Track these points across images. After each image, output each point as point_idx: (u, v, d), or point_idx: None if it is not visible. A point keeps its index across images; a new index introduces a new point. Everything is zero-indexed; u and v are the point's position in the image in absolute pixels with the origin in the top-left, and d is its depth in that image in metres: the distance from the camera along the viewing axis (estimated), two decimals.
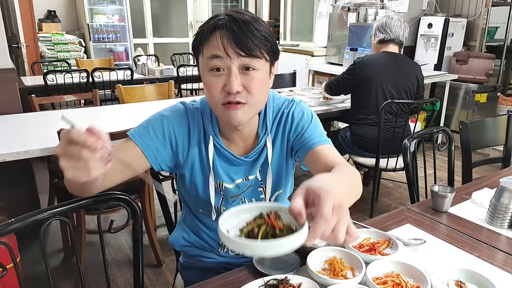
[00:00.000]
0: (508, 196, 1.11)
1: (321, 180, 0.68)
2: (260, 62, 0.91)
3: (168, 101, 2.95)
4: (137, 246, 1.09)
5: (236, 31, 0.87)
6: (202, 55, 0.93)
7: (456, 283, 0.86)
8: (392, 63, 2.55)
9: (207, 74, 0.92)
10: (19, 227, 0.90)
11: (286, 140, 1.08)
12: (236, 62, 0.89)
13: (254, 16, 0.93)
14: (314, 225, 0.60)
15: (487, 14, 4.44)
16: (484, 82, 4.32)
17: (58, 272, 2.19)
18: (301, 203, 0.64)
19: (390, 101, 2.38)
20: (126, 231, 2.59)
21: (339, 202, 0.62)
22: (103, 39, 6.24)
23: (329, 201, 0.60)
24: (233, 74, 0.89)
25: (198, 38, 0.94)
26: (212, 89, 0.92)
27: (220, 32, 0.88)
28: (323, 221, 0.59)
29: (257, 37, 0.89)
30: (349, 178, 0.86)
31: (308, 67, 4.85)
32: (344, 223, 0.63)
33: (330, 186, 0.63)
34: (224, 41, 0.87)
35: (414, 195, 1.54)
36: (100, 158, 0.65)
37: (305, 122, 1.06)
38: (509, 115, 1.93)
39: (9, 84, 2.35)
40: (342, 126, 3.77)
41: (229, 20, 0.89)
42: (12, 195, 2.32)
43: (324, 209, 0.60)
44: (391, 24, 2.52)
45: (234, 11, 0.92)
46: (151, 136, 0.99)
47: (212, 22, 0.90)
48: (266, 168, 1.08)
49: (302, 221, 0.63)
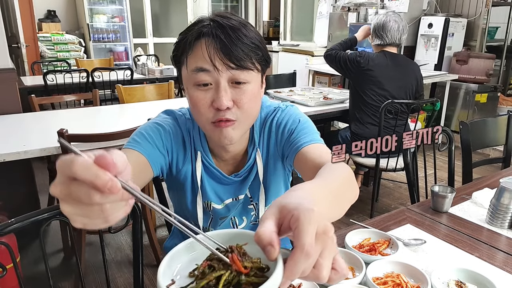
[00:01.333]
0: (508, 196, 1.11)
1: (299, 195, 0.49)
2: (251, 74, 0.83)
3: (168, 101, 2.95)
4: (137, 246, 1.09)
5: (223, 39, 0.78)
6: (185, 66, 0.83)
7: (456, 283, 0.86)
8: (392, 63, 2.56)
9: (192, 88, 0.83)
10: (19, 227, 0.90)
11: (276, 150, 1.00)
12: (225, 75, 0.80)
13: (242, 20, 0.84)
14: (293, 261, 0.42)
15: (487, 14, 4.44)
16: (485, 82, 4.32)
17: (58, 272, 2.19)
18: (272, 228, 0.44)
19: (390, 101, 2.38)
20: (126, 231, 2.59)
21: (324, 226, 0.44)
22: (103, 39, 6.23)
23: (311, 226, 0.43)
24: (222, 89, 0.80)
25: (180, 47, 0.84)
26: (198, 105, 0.83)
27: (206, 40, 0.79)
28: (304, 255, 0.42)
29: (247, 45, 0.80)
30: (338, 180, 0.69)
31: (308, 67, 4.85)
32: (330, 254, 0.45)
33: (312, 203, 0.45)
34: (211, 51, 0.79)
35: (414, 195, 1.54)
36: (120, 199, 0.42)
37: (291, 125, 0.97)
38: (509, 115, 1.93)
39: (9, 84, 2.35)
40: (342, 126, 3.77)
41: (214, 26, 0.80)
42: (12, 195, 2.32)
43: (306, 238, 0.42)
44: (388, 27, 2.50)
45: (219, 16, 0.82)
46: (149, 142, 0.92)
47: (196, 29, 0.81)
48: (257, 186, 1.00)
49: (274, 255, 0.43)
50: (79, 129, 1.83)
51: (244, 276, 0.45)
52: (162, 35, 7.01)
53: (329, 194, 0.59)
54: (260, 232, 0.44)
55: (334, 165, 0.74)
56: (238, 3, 7.52)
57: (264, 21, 7.70)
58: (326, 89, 3.49)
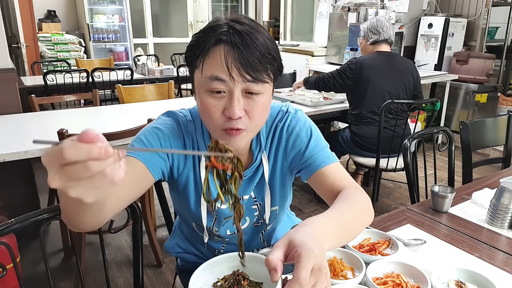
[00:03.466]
0: (508, 197, 1.11)
1: (308, 231, 0.65)
2: (265, 86, 0.83)
3: (168, 101, 2.95)
4: (137, 246, 1.09)
5: (241, 48, 0.78)
6: (200, 71, 0.82)
7: (457, 283, 0.86)
8: (388, 62, 2.59)
9: (205, 94, 0.83)
10: (19, 227, 0.90)
11: (283, 155, 1.00)
12: (240, 86, 0.80)
13: (260, 28, 0.82)
14: (289, 287, 0.58)
15: (487, 14, 4.44)
16: (485, 82, 4.32)
17: (58, 272, 2.19)
18: (279, 257, 0.60)
19: (390, 101, 2.38)
20: (126, 231, 2.59)
21: (320, 264, 0.59)
22: (103, 39, 6.23)
23: (309, 263, 0.58)
24: (235, 99, 0.80)
25: (195, 50, 0.82)
26: (211, 112, 0.83)
27: (224, 48, 0.78)
28: (298, 285, 0.57)
29: (264, 56, 0.80)
30: (352, 211, 0.82)
31: (308, 67, 4.85)
32: (321, 286, 0.60)
33: (314, 243, 0.61)
34: (229, 61, 0.78)
35: (414, 195, 1.54)
36: (114, 160, 0.46)
37: (304, 137, 0.97)
38: (509, 115, 1.93)
39: (9, 84, 2.35)
40: (342, 126, 3.77)
41: (233, 34, 0.79)
42: (12, 195, 2.32)
43: (302, 272, 0.57)
44: (382, 24, 2.58)
45: (237, 22, 0.81)
46: (147, 147, 0.91)
47: (214, 35, 0.79)
48: (263, 186, 1.01)
49: (275, 278, 0.59)
50: (79, 129, 1.81)
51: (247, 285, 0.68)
52: (162, 35, 7.02)
53: (338, 227, 0.75)
54: (269, 259, 0.60)
55: (351, 194, 0.86)
56: (238, 3, 7.52)
57: (264, 21, 7.70)
58: None
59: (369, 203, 0.87)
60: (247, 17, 0.84)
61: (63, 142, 0.43)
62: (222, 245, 1.09)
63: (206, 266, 0.72)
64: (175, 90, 4.03)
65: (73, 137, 0.44)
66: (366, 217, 0.85)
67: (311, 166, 0.95)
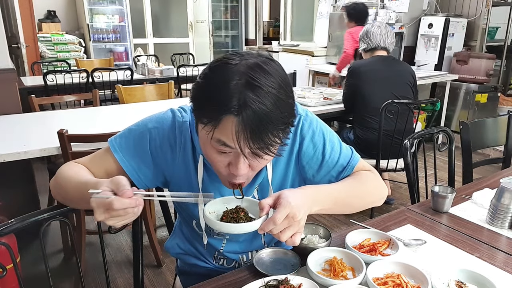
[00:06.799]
0: (509, 197, 1.11)
1: (297, 192, 0.82)
2: None
3: (168, 101, 2.95)
4: (137, 246, 1.09)
5: (255, 128, 0.72)
6: (207, 132, 0.76)
7: (457, 283, 0.86)
8: (384, 64, 2.62)
9: (211, 149, 0.80)
10: (19, 227, 0.90)
11: (294, 159, 0.99)
12: (248, 151, 0.76)
13: (275, 89, 0.74)
14: (266, 222, 0.77)
15: (487, 14, 4.44)
16: (485, 82, 4.32)
17: (58, 273, 2.19)
18: (269, 202, 0.79)
19: (390, 101, 2.38)
20: (126, 231, 2.59)
21: (294, 213, 0.76)
22: (103, 39, 6.24)
23: (285, 210, 0.76)
24: (241, 160, 0.79)
25: (203, 107, 0.77)
26: (215, 165, 0.83)
27: (235, 122, 0.72)
28: (272, 223, 0.75)
29: (279, 130, 0.75)
30: (352, 186, 0.95)
31: (308, 67, 4.85)
32: (292, 230, 0.78)
33: (295, 200, 0.78)
34: (240, 137, 0.73)
35: (414, 195, 1.54)
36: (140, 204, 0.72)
37: (318, 142, 0.97)
38: (510, 116, 1.93)
39: (9, 84, 2.35)
40: (343, 126, 3.76)
41: (246, 111, 0.71)
42: (12, 195, 2.32)
43: (277, 215, 0.75)
44: (371, 32, 2.62)
45: (251, 87, 0.72)
46: (131, 153, 0.92)
47: (225, 108, 0.71)
48: (266, 188, 0.99)
49: (261, 214, 0.79)
50: (79, 129, 1.83)
51: (243, 215, 0.86)
52: (162, 35, 7.02)
53: (331, 196, 0.91)
54: (261, 201, 0.80)
55: (359, 173, 1.00)
56: (238, 3, 7.52)
57: (264, 21, 7.70)
58: (326, 89, 3.49)
59: (376, 180, 1.00)
60: (264, 71, 0.75)
61: (112, 198, 0.69)
62: (222, 244, 1.09)
63: (218, 200, 0.91)
64: (175, 90, 4.03)
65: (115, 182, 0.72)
66: (370, 191, 0.98)
67: (340, 173, 1.01)
